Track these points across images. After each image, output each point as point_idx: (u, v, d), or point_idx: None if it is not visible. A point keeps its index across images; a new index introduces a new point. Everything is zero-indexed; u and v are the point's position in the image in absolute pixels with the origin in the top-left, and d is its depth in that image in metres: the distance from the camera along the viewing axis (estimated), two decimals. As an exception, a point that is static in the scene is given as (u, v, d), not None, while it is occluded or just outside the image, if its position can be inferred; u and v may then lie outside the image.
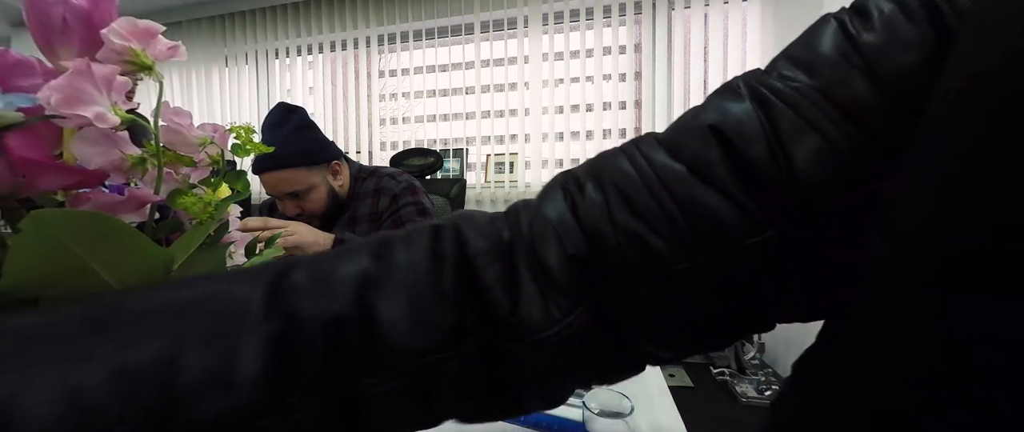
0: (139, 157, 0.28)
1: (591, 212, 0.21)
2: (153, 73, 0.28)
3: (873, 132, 0.17)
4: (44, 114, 0.23)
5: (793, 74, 0.19)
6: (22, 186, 0.23)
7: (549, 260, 0.21)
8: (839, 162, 0.17)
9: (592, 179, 0.22)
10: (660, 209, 0.20)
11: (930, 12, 0.17)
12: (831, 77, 0.18)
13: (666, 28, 2.38)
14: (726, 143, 0.19)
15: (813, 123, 0.18)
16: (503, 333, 0.20)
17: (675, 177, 0.20)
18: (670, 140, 0.22)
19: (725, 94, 0.21)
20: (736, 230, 0.19)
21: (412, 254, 0.21)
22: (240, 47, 3.03)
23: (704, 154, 0.20)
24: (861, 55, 0.18)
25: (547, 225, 0.21)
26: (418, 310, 0.20)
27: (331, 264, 0.21)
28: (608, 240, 0.20)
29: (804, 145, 0.18)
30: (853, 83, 0.18)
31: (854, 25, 0.19)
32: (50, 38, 0.26)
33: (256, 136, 0.35)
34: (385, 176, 1.20)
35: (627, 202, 0.20)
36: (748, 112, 0.19)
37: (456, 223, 0.23)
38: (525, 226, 0.22)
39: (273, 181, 1.09)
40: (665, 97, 2.39)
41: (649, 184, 0.20)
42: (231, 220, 0.36)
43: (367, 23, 2.78)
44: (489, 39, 2.62)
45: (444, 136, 2.77)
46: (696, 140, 0.20)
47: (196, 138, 0.32)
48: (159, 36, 0.28)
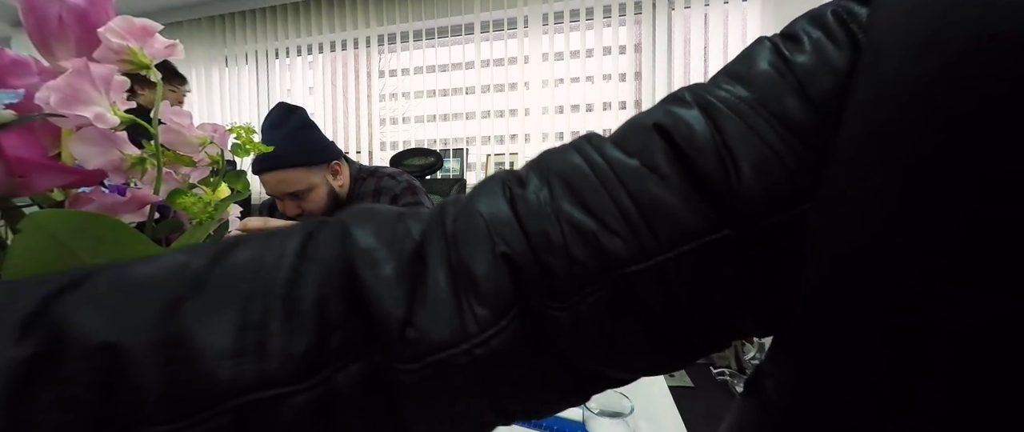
0: (138, 157, 0.28)
1: (534, 207, 0.19)
2: (151, 72, 0.28)
3: (811, 145, 0.17)
4: (36, 113, 0.23)
5: (732, 87, 0.19)
6: (19, 186, 0.23)
7: (474, 262, 0.18)
8: (784, 171, 0.17)
9: (536, 173, 0.20)
10: (614, 204, 0.18)
11: (850, 38, 0.18)
12: (766, 92, 0.18)
13: (666, 28, 2.38)
14: (673, 145, 0.19)
15: (757, 130, 0.18)
16: (392, 353, 0.16)
17: (630, 172, 0.19)
18: (619, 137, 0.21)
19: (672, 101, 0.21)
20: (694, 227, 0.18)
21: (266, 252, 0.17)
22: (240, 47, 3.03)
23: (651, 150, 0.19)
24: (794, 75, 0.18)
25: (477, 221, 0.19)
26: (252, 329, 0.15)
27: (135, 269, 0.16)
28: (553, 237, 0.18)
29: (750, 152, 0.18)
30: (786, 100, 0.18)
31: (787, 48, 0.19)
32: (47, 37, 0.26)
33: (256, 136, 0.34)
34: (385, 176, 1.20)
35: (577, 196, 0.19)
36: (697, 118, 0.19)
37: (345, 218, 0.19)
38: (450, 221, 0.19)
39: (273, 181, 1.08)
40: (665, 97, 2.38)
41: (603, 178, 0.19)
42: (231, 220, 0.36)
43: (367, 23, 2.78)
44: (489, 39, 2.62)
45: (444, 136, 2.77)
46: (643, 137, 0.20)
47: (196, 138, 0.32)
48: (156, 35, 0.28)
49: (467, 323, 0.17)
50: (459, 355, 0.17)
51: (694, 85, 0.21)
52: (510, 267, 0.18)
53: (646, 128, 0.20)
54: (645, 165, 0.19)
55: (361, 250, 0.18)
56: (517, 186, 0.20)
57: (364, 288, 0.17)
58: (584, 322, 0.18)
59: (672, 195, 0.18)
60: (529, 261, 0.18)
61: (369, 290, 0.17)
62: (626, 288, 0.18)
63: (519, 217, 0.19)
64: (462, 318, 0.17)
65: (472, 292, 0.17)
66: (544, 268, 0.18)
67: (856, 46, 0.18)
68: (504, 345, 0.17)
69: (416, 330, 0.16)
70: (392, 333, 0.16)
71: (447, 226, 0.19)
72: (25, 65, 0.24)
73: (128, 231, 0.23)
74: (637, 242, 0.18)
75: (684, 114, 0.19)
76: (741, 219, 0.17)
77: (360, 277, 0.17)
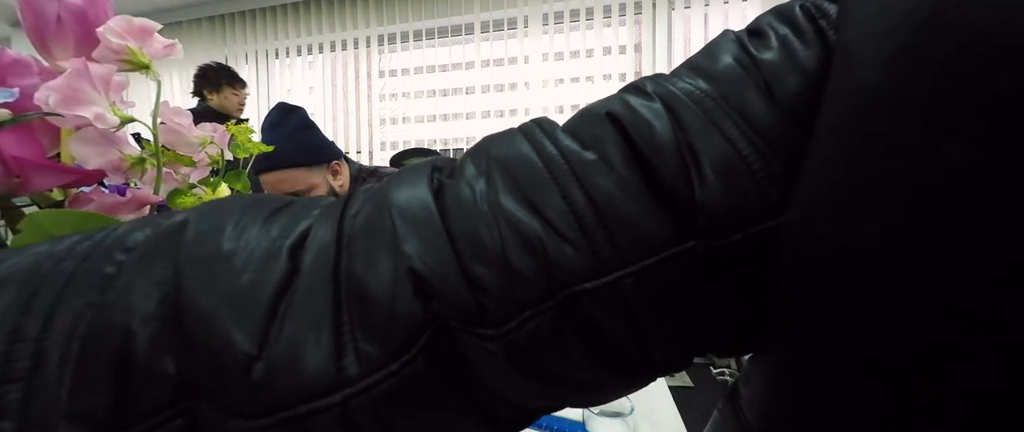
0: (138, 157, 0.28)
1: (466, 202, 0.15)
2: (150, 72, 0.28)
3: (778, 150, 0.15)
4: (35, 112, 0.23)
5: (694, 81, 0.18)
6: (19, 186, 0.23)
7: (369, 276, 0.13)
8: (751, 179, 0.15)
9: (473, 160, 0.17)
10: (566, 203, 0.15)
11: (819, 35, 0.17)
12: (730, 87, 0.17)
13: (666, 28, 2.38)
14: (629, 140, 0.16)
15: (722, 128, 0.16)
16: (230, 402, 0.12)
17: (586, 165, 0.15)
18: (572, 125, 0.18)
19: (631, 91, 0.18)
20: (657, 237, 0.15)
21: (73, 266, 0.13)
22: (240, 47, 3.03)
23: (603, 143, 0.16)
24: (759, 71, 0.17)
25: (383, 218, 0.15)
26: (10, 380, 0.11)
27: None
28: (487, 242, 0.14)
29: (715, 154, 0.15)
30: (749, 96, 0.16)
31: (752, 44, 0.18)
32: (45, 37, 0.26)
33: (256, 136, 0.34)
34: (385, 176, 1.20)
35: (521, 191, 0.15)
36: (658, 113, 0.16)
37: (197, 208, 0.15)
38: (351, 215, 0.15)
39: (273, 181, 1.09)
40: (665, 97, 2.39)
41: (554, 170, 0.15)
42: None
43: (367, 23, 2.78)
44: (489, 39, 2.62)
45: (444, 136, 2.77)
46: (596, 127, 0.17)
47: (196, 138, 0.32)
48: (155, 34, 0.28)
49: (346, 364, 0.12)
50: (326, 409, 0.12)
51: (655, 75, 0.19)
52: (419, 286, 0.13)
53: (598, 117, 0.17)
54: (602, 159, 0.16)
55: (197, 258, 0.13)
56: (448, 176, 0.16)
57: (192, 309, 0.12)
58: (523, 353, 0.14)
59: (631, 197, 0.15)
60: (450, 276, 0.14)
61: (198, 312, 0.12)
62: (575, 309, 0.14)
63: (444, 213, 0.15)
64: (339, 358, 0.12)
65: (361, 320, 0.13)
66: (472, 283, 0.14)
67: (826, 45, 0.16)
68: (398, 391, 0.13)
69: (265, 368, 0.12)
70: (230, 374, 0.12)
71: (346, 222, 0.15)
72: (25, 65, 0.24)
73: (127, 231, 0.23)
74: (591, 252, 0.14)
75: (644, 107, 0.17)
76: (706, 232, 0.15)
77: (187, 295, 0.12)
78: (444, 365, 0.14)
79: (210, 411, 0.12)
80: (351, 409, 0.12)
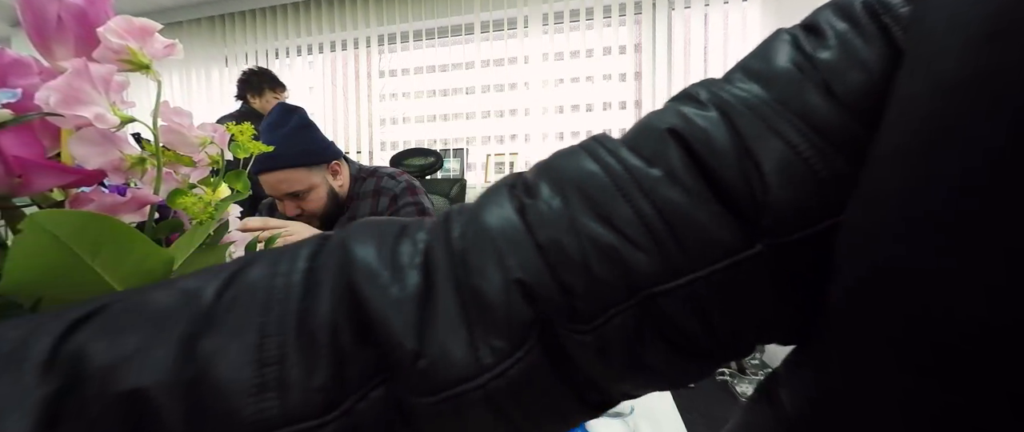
0: (138, 157, 0.28)
1: (547, 219, 0.17)
2: (151, 72, 0.28)
3: (840, 148, 0.16)
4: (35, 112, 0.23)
5: (748, 86, 0.18)
6: (18, 186, 0.23)
7: (485, 285, 0.16)
8: (813, 179, 0.16)
9: (547, 180, 0.18)
10: (637, 217, 0.16)
11: (882, 31, 0.16)
12: (786, 90, 0.17)
13: (666, 28, 2.38)
14: (690, 151, 0.17)
15: (780, 133, 0.16)
16: (407, 383, 0.15)
17: (650, 180, 0.17)
18: (632, 141, 0.19)
19: (685, 101, 0.19)
20: (726, 243, 0.16)
21: (276, 281, 0.16)
22: (240, 47, 3.03)
23: (667, 157, 0.17)
24: (817, 71, 0.17)
25: (485, 236, 0.17)
26: (272, 365, 0.15)
27: (151, 294, 0.16)
28: (571, 253, 0.16)
29: (775, 158, 0.16)
30: (808, 97, 0.16)
31: (808, 42, 0.18)
32: (45, 36, 0.26)
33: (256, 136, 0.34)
34: (385, 176, 1.20)
35: (595, 208, 0.17)
36: (714, 121, 0.17)
37: (346, 236, 0.18)
38: (456, 236, 0.18)
39: (273, 181, 1.08)
40: (665, 97, 2.37)
41: (623, 187, 0.17)
42: (231, 220, 0.36)
43: (367, 23, 2.78)
44: (489, 39, 2.62)
45: (444, 136, 2.77)
46: (658, 143, 0.18)
47: (196, 138, 0.32)
48: (156, 34, 0.28)
49: (482, 355, 0.16)
50: (474, 390, 0.15)
51: (707, 82, 0.19)
52: (525, 292, 0.16)
53: (659, 133, 0.18)
54: (667, 173, 0.17)
55: (366, 273, 0.16)
56: (526, 195, 0.18)
57: (371, 314, 0.16)
58: (611, 345, 0.16)
59: (697, 207, 0.16)
60: (546, 283, 0.16)
61: (377, 317, 0.16)
62: (653, 308, 0.16)
63: (531, 230, 0.17)
64: (476, 350, 0.16)
65: (486, 320, 0.16)
66: (564, 289, 0.16)
67: (889, 41, 0.16)
68: (523, 374, 0.16)
69: (428, 361, 0.15)
70: (404, 363, 0.15)
71: (453, 242, 0.17)
72: (26, 65, 0.24)
73: (128, 231, 0.23)
74: (663, 258, 0.16)
75: (699, 117, 0.18)
76: (771, 233, 0.16)
77: (367, 303, 0.16)
78: (551, 354, 0.17)
79: (399, 387, 0.16)
80: (491, 389, 0.16)
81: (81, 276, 0.22)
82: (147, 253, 0.24)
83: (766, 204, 0.16)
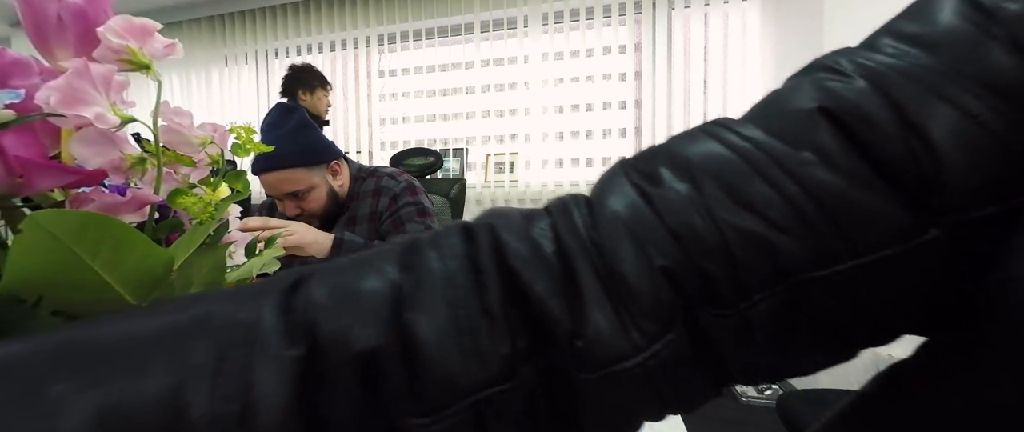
0: (138, 157, 0.28)
1: (677, 206, 0.17)
2: (151, 72, 0.28)
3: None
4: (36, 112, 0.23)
5: (904, 50, 0.16)
6: (19, 186, 0.23)
7: (625, 268, 0.16)
8: (998, 149, 0.14)
9: (668, 165, 0.18)
10: (782, 200, 0.15)
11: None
12: (960, 52, 0.15)
13: (666, 28, 2.38)
14: (843, 127, 0.16)
15: (946, 96, 0.14)
16: (566, 359, 0.16)
17: (799, 163, 0.16)
18: (765, 122, 0.17)
19: (822, 71, 0.17)
20: (896, 228, 0.15)
21: (448, 264, 0.17)
22: (240, 47, 3.03)
23: (816, 137, 0.16)
24: (1001, 25, 0.14)
25: (615, 222, 0.17)
26: (466, 335, 0.16)
27: (351, 276, 0.17)
28: (709, 240, 0.16)
29: (940, 123, 0.14)
30: (991, 56, 0.14)
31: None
32: (45, 36, 0.26)
33: (256, 136, 0.34)
34: (385, 176, 1.20)
35: (730, 191, 0.16)
36: (865, 92, 0.15)
37: (490, 223, 0.19)
38: (580, 224, 0.18)
39: (273, 181, 1.08)
40: (665, 97, 2.38)
41: (762, 169, 0.16)
42: (231, 220, 0.36)
43: (367, 23, 2.78)
44: (489, 39, 2.62)
45: (444, 136, 2.77)
46: (803, 122, 0.16)
47: (196, 138, 0.32)
48: (156, 34, 0.28)
49: (634, 337, 0.16)
50: (632, 368, 0.16)
51: (845, 50, 0.18)
52: (669, 277, 0.16)
53: (804, 112, 0.16)
54: (816, 155, 0.16)
55: (519, 259, 0.17)
56: (647, 183, 0.18)
57: (530, 295, 0.16)
58: (753, 328, 0.16)
59: (858, 189, 0.15)
60: (685, 268, 0.16)
61: (535, 298, 0.16)
62: (803, 294, 0.16)
63: (661, 217, 0.17)
64: (627, 332, 0.16)
65: (632, 304, 0.16)
66: (703, 274, 0.16)
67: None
68: (672, 355, 0.16)
69: (585, 342, 0.16)
70: (562, 341, 0.16)
71: (581, 232, 0.17)
72: (26, 65, 0.24)
73: (128, 231, 0.23)
74: (816, 243, 0.15)
75: (846, 89, 0.16)
76: (944, 213, 0.15)
77: (526, 286, 0.17)
78: (694, 336, 0.17)
79: (555, 360, 0.16)
80: (648, 368, 0.16)
81: (81, 276, 0.22)
82: (147, 253, 0.24)
83: (938, 182, 0.14)
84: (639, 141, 2.44)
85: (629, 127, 2.50)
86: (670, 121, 2.38)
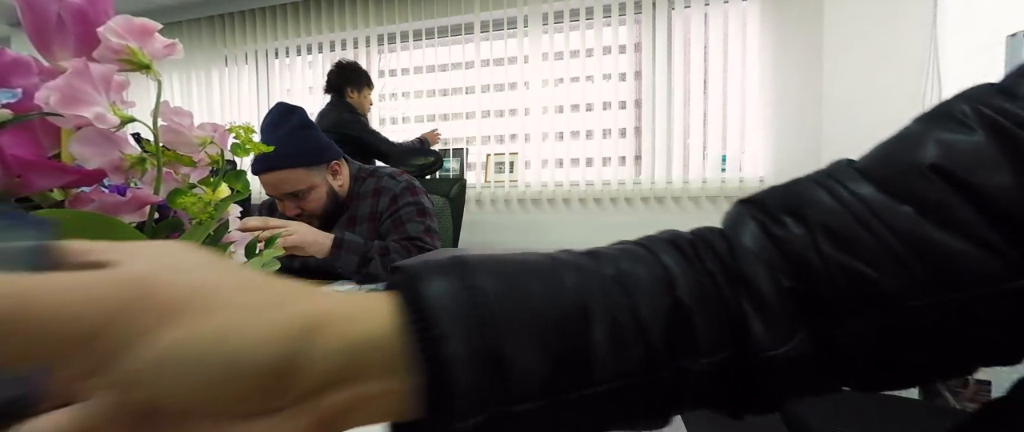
0: (138, 157, 0.28)
1: (794, 245, 0.21)
2: (151, 72, 0.28)
3: None
4: (34, 112, 0.23)
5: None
6: (19, 186, 0.23)
7: (762, 287, 0.20)
8: None
9: (788, 213, 0.22)
10: (877, 243, 0.19)
11: None
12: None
13: (666, 28, 2.38)
14: (960, 185, 0.18)
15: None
16: (746, 353, 0.20)
17: (899, 217, 0.19)
18: (881, 177, 0.21)
19: (943, 121, 0.20)
20: (991, 274, 0.17)
21: (654, 269, 0.22)
22: (240, 47, 3.02)
23: (935, 197, 0.19)
24: None
25: (748, 254, 0.21)
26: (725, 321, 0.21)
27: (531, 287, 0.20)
28: (816, 269, 0.20)
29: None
30: None
31: None
32: (45, 36, 0.26)
33: (256, 136, 0.34)
34: (385, 176, 1.20)
35: (834, 237, 0.20)
36: (980, 146, 0.18)
37: (653, 241, 0.23)
38: (724, 253, 0.21)
39: (273, 181, 1.08)
40: (665, 97, 2.38)
41: (860, 218, 0.20)
42: (231, 220, 0.36)
43: (367, 23, 2.78)
44: (489, 39, 2.62)
45: (444, 136, 2.77)
46: (918, 182, 0.19)
47: (196, 138, 0.32)
48: (156, 34, 0.28)
49: (775, 336, 0.20)
50: (778, 357, 0.19)
51: (974, 93, 0.20)
52: (793, 297, 0.20)
53: (918, 171, 0.19)
54: (921, 212, 0.19)
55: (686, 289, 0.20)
56: (772, 223, 0.22)
57: (729, 302, 0.20)
58: (862, 337, 0.20)
59: (960, 242, 0.18)
60: (804, 290, 0.20)
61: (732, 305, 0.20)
62: (904, 316, 0.19)
63: (782, 253, 0.21)
64: (770, 332, 0.20)
65: (769, 315, 0.20)
66: (816, 295, 0.20)
67: None
68: (802, 352, 0.20)
69: (752, 338, 0.20)
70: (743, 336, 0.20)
71: (725, 260, 0.21)
72: (26, 65, 0.24)
73: (128, 231, 0.23)
74: (911, 281, 0.18)
75: (963, 142, 0.19)
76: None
77: (729, 300, 0.20)
78: (815, 341, 0.20)
79: (738, 354, 0.20)
80: (789, 357, 0.19)
81: (81, 276, 0.22)
82: (147, 253, 0.24)
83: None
84: (639, 141, 2.44)
85: (629, 127, 2.49)
86: (670, 121, 2.38)
